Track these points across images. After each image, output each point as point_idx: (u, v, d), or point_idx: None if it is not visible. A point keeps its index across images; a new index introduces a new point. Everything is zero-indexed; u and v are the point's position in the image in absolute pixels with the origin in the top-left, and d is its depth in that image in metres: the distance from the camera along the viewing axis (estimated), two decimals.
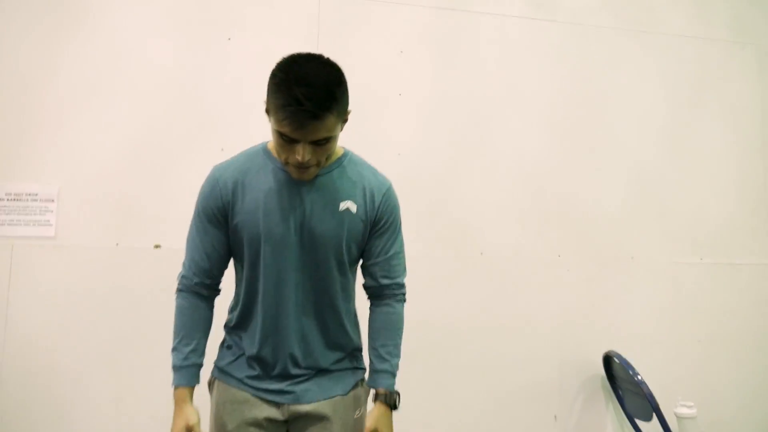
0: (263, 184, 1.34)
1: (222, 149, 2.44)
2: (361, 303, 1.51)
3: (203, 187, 1.41)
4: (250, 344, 1.37)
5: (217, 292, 1.46)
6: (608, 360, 2.61)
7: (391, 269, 1.44)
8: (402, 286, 1.48)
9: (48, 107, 2.36)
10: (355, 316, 1.49)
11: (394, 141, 2.62)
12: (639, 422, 2.59)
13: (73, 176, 2.36)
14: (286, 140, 1.23)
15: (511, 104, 2.76)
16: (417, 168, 2.63)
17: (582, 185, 2.80)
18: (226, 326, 1.47)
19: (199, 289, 1.41)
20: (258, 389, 1.36)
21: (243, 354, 1.39)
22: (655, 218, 2.87)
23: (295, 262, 1.34)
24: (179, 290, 1.43)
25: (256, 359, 1.37)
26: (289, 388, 1.36)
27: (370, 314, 1.48)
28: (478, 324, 2.62)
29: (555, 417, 2.66)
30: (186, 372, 1.36)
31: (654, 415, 2.32)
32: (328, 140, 1.25)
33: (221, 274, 1.44)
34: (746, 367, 2.89)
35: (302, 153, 1.22)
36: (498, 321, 2.64)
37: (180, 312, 1.41)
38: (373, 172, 1.44)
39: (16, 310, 2.28)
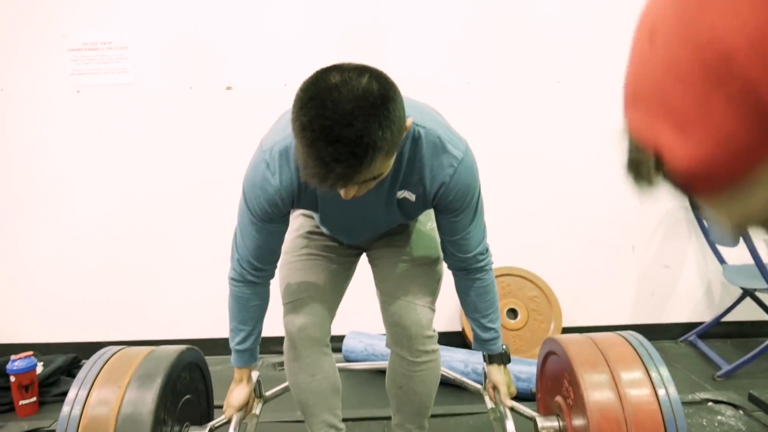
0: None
1: None
2: None
3: (255, 191, 1.16)
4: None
5: (273, 274, 1.33)
6: None
7: (466, 245, 1.27)
8: (483, 253, 1.30)
9: None
10: None
11: None
12: (723, 251, 2.51)
13: (144, 23, 2.39)
14: None
15: None
16: None
17: None
18: None
19: (253, 279, 1.29)
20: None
21: None
22: None
23: (358, 232, 1.35)
24: (232, 280, 1.30)
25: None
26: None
27: (458, 285, 1.36)
28: (554, 155, 2.54)
29: (633, 248, 2.63)
30: (241, 355, 1.36)
31: (741, 239, 2.23)
32: (376, 178, 0.99)
33: (277, 259, 1.31)
34: None
35: (345, 194, 0.99)
36: (575, 152, 2.54)
37: (234, 300, 1.32)
38: (441, 149, 1.13)
39: (109, 154, 2.46)
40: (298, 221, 1.45)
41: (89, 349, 2.46)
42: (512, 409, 1.38)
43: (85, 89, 2.41)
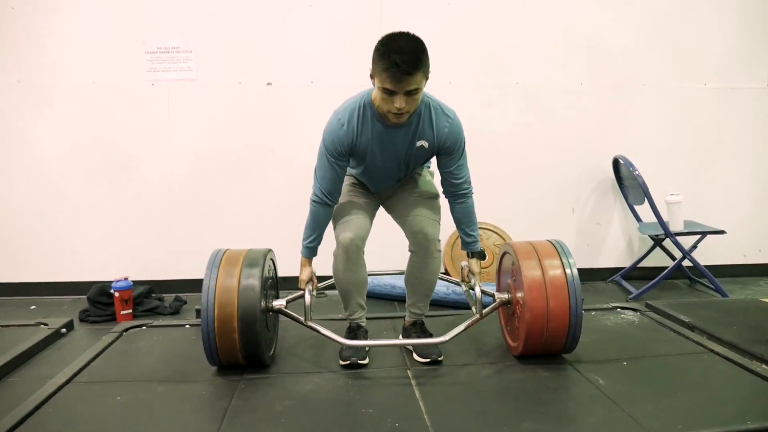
0: (370, 132, 1.94)
1: (310, 5, 3.14)
2: None
3: (331, 136, 1.94)
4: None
5: (337, 201, 2.08)
6: (616, 163, 3.33)
7: (458, 174, 2.03)
8: (468, 183, 2.06)
9: None
10: None
11: None
12: (637, 209, 3.36)
13: (205, 32, 3.14)
14: (387, 93, 1.77)
15: None
16: (464, 13, 3.25)
17: (602, 22, 3.34)
18: None
19: (327, 202, 2.03)
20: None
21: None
22: (665, 48, 3.39)
23: (389, 172, 2.09)
24: (313, 201, 2.04)
25: None
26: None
27: (451, 208, 2.11)
28: (514, 138, 3.37)
29: (573, 210, 3.47)
30: (308, 250, 2.10)
31: (645, 199, 3.08)
32: (417, 91, 1.77)
33: (341, 191, 2.07)
34: (738, 173, 3.53)
35: (399, 102, 1.76)
36: (529, 136, 3.38)
37: (311, 215, 2.06)
38: (441, 113, 1.95)
39: (177, 133, 3.19)
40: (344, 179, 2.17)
41: (156, 285, 3.21)
42: (482, 290, 2.17)
43: (158, 83, 3.14)
